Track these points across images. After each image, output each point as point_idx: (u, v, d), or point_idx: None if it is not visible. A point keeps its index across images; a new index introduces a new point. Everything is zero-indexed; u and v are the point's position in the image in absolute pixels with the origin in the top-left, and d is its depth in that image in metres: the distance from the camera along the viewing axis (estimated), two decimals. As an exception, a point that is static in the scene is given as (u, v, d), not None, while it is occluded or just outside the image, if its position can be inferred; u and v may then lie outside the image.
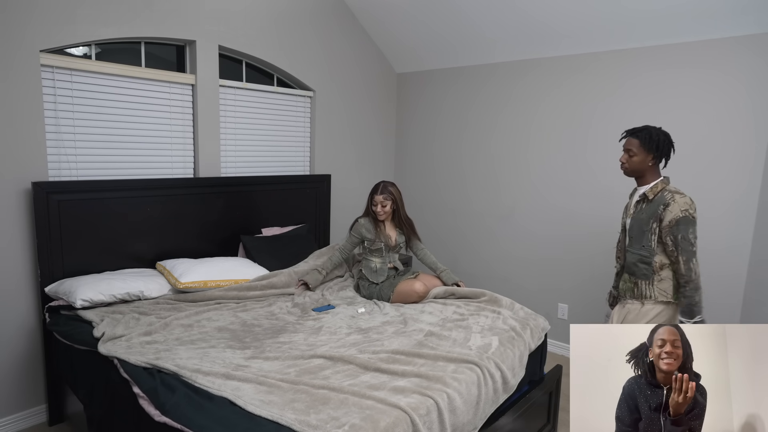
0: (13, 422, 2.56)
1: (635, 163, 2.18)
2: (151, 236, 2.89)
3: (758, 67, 2.71)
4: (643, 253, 2.17)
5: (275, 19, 3.43)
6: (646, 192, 2.17)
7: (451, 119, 4.11)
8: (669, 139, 2.16)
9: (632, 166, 2.19)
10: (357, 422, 1.52)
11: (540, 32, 3.34)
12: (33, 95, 2.45)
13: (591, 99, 3.33)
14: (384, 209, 2.91)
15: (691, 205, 2.07)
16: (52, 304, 2.44)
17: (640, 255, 2.18)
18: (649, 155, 2.15)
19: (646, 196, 2.18)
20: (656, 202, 2.13)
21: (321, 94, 3.83)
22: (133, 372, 1.84)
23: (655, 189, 2.16)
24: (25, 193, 2.47)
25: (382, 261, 2.94)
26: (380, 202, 2.90)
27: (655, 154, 2.14)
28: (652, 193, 2.16)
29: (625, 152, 2.22)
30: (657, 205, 2.12)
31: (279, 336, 2.24)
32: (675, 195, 2.09)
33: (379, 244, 2.94)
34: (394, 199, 2.94)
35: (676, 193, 2.10)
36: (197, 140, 3.12)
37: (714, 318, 2.95)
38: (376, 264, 2.92)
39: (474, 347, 2.13)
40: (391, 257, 2.98)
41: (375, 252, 2.96)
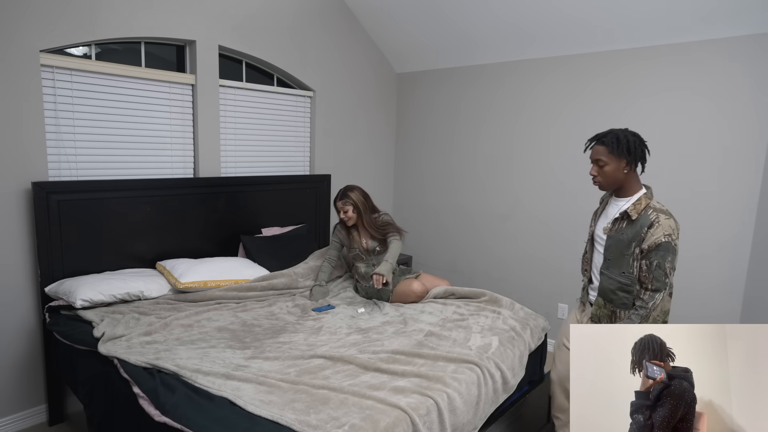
0: (13, 422, 2.56)
1: (608, 173, 1.88)
2: (151, 236, 2.89)
3: (759, 67, 2.71)
4: (624, 281, 1.88)
5: (275, 19, 3.43)
6: (629, 210, 1.87)
7: (452, 119, 4.11)
8: (640, 139, 1.89)
9: (605, 177, 1.90)
10: (357, 422, 1.52)
11: (543, 31, 3.33)
12: (33, 95, 2.45)
13: (594, 99, 3.33)
14: (347, 215, 2.87)
15: (674, 230, 1.81)
16: (52, 304, 2.44)
17: (620, 283, 1.89)
18: (622, 161, 1.86)
19: (627, 215, 1.88)
20: (639, 223, 1.84)
21: (321, 94, 3.83)
22: (133, 372, 1.84)
23: (638, 206, 1.86)
24: (25, 193, 2.47)
25: (366, 265, 2.92)
26: (341, 209, 2.88)
27: (627, 158, 1.85)
28: (635, 212, 1.85)
29: (593, 164, 1.92)
30: (640, 227, 1.83)
31: (279, 336, 2.24)
32: (660, 215, 1.82)
33: (355, 250, 2.93)
34: (355, 204, 2.86)
35: (661, 213, 1.83)
36: (197, 140, 3.12)
37: (714, 318, 2.95)
38: (361, 269, 2.92)
39: (474, 347, 2.13)
40: (375, 260, 2.92)
41: (356, 258, 2.95)
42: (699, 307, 2.99)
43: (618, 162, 1.87)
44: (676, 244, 1.81)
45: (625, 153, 1.85)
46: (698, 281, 2.98)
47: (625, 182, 1.91)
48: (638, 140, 1.88)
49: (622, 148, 1.85)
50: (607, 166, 1.88)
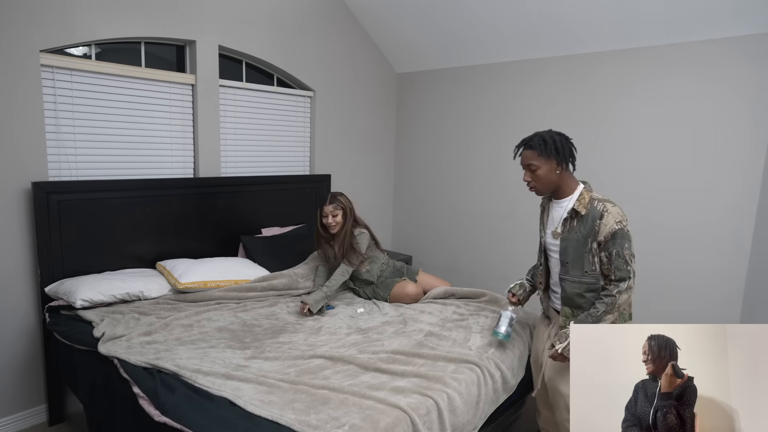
0: (13, 422, 2.56)
1: (542, 176, 1.87)
2: (151, 236, 2.89)
3: (760, 67, 2.71)
4: (588, 281, 1.84)
5: (275, 19, 3.43)
6: (576, 207, 1.84)
7: (452, 119, 4.11)
8: (566, 138, 1.88)
9: (540, 181, 1.88)
10: (357, 422, 1.52)
11: (542, 31, 3.33)
12: (33, 95, 2.45)
13: (593, 99, 3.33)
14: (335, 219, 2.77)
15: (623, 216, 1.81)
16: (52, 304, 2.44)
17: (584, 284, 1.84)
18: (552, 162, 1.84)
19: (576, 212, 1.85)
20: (590, 217, 1.81)
21: (321, 94, 3.83)
22: (133, 372, 1.84)
23: (583, 201, 1.84)
24: (25, 193, 2.47)
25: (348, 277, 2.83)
26: (330, 213, 2.77)
27: (557, 158, 1.84)
28: (582, 207, 1.83)
29: (525, 169, 1.90)
30: (592, 221, 1.81)
31: (279, 336, 2.24)
32: (606, 204, 1.82)
33: (333, 261, 2.83)
34: (344, 210, 2.80)
35: (607, 202, 1.83)
36: (197, 140, 3.12)
37: (714, 318, 2.95)
38: (348, 281, 2.91)
39: (474, 347, 2.13)
40: (357, 271, 2.86)
41: (337, 268, 2.79)
42: (699, 307, 2.99)
43: (549, 163, 1.85)
44: (628, 229, 1.80)
45: (554, 153, 1.84)
46: (698, 281, 2.98)
47: (561, 183, 1.89)
48: (564, 139, 1.88)
49: (550, 148, 1.84)
50: (539, 169, 1.86)
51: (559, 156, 1.84)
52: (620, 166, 3.21)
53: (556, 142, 1.85)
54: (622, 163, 3.20)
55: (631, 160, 3.16)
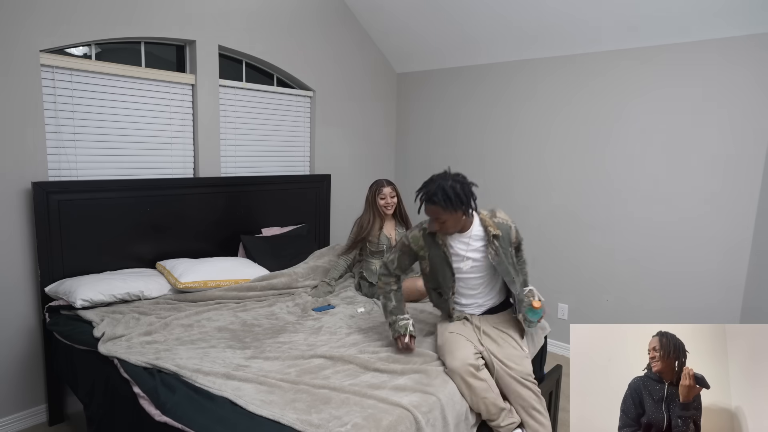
0: (13, 422, 2.56)
1: (451, 225, 1.94)
2: (151, 236, 2.89)
3: (760, 67, 2.71)
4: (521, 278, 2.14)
5: (275, 19, 3.43)
6: (490, 231, 1.99)
7: (452, 119, 4.11)
8: (465, 183, 1.92)
9: (450, 228, 1.96)
10: (359, 421, 1.53)
11: (542, 31, 3.34)
12: (33, 95, 2.45)
13: (594, 99, 3.33)
14: (393, 200, 2.93)
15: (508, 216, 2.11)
16: (52, 304, 2.44)
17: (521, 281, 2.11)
18: (459, 212, 1.91)
19: (494, 236, 1.99)
20: (503, 231, 2.03)
21: (321, 94, 3.83)
22: (133, 372, 1.84)
23: (488, 222, 2.01)
24: (25, 193, 2.47)
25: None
26: (389, 194, 2.92)
27: (462, 208, 1.90)
28: (494, 228, 2.00)
29: (434, 221, 1.95)
30: (506, 233, 2.04)
31: (279, 336, 2.24)
32: (498, 215, 2.07)
33: (381, 246, 2.92)
34: (397, 191, 2.98)
35: (497, 213, 2.08)
36: (197, 140, 3.12)
37: (714, 318, 2.96)
38: (376, 266, 2.92)
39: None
40: (371, 263, 2.92)
41: (376, 254, 2.93)
42: (699, 307, 3.00)
43: (455, 215, 1.91)
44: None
45: (459, 205, 1.89)
46: (698, 281, 2.99)
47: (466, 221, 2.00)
48: (464, 186, 1.91)
49: (455, 203, 1.88)
50: (448, 221, 1.92)
51: (464, 205, 1.90)
52: (631, 165, 3.20)
53: (459, 194, 1.88)
54: (633, 162, 3.20)
55: (639, 159, 3.16)
